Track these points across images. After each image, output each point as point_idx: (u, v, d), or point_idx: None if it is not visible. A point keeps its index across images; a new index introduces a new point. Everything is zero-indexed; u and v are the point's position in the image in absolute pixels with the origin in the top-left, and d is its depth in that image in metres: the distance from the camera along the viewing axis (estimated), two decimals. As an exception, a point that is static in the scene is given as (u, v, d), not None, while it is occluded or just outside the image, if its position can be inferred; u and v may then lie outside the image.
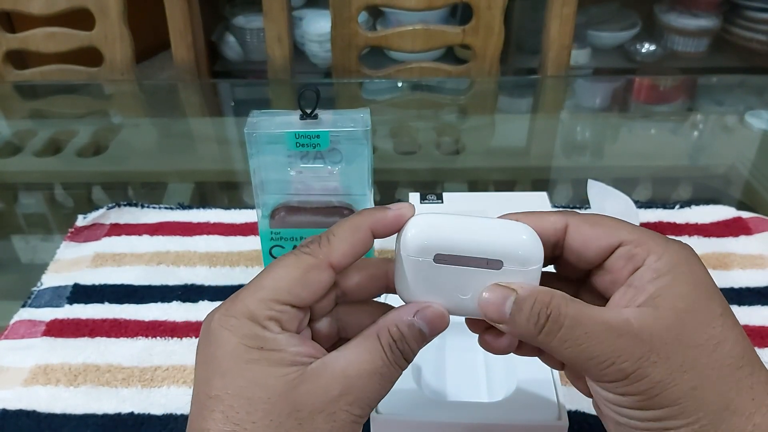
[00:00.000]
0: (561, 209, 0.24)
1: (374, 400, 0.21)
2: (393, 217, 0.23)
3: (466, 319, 0.24)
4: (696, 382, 0.20)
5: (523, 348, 0.25)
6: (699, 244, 0.48)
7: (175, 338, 0.41)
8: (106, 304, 0.44)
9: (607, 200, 0.44)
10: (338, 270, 0.23)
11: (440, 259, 0.22)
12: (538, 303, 0.21)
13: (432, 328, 0.23)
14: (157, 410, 0.37)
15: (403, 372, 0.22)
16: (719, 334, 0.20)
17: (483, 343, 0.24)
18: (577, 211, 0.23)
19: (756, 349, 0.39)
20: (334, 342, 0.24)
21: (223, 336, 0.21)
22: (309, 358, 0.21)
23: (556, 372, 0.33)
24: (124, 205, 0.53)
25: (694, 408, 0.19)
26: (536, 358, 0.26)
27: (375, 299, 0.25)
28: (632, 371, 0.20)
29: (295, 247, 0.24)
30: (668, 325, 0.20)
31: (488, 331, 0.24)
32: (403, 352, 0.22)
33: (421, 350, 0.23)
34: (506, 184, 0.64)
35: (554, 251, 0.24)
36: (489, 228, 0.22)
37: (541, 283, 0.23)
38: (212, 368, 0.21)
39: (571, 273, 0.25)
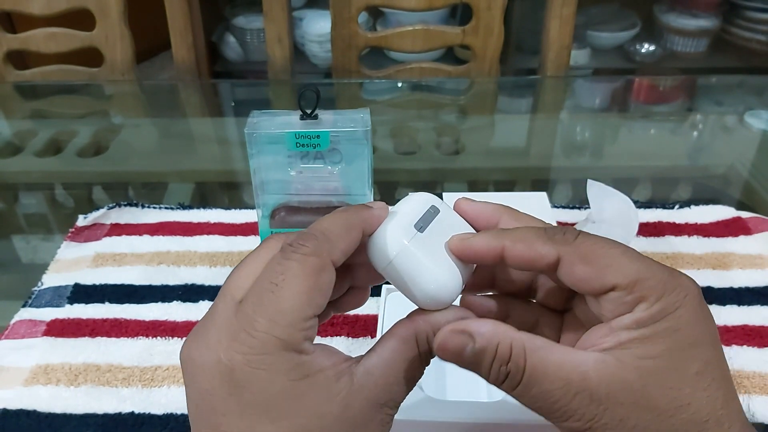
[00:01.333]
0: (557, 230, 0.22)
1: (404, 398, 0.22)
2: (377, 217, 0.22)
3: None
4: None
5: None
6: (698, 244, 0.48)
7: (175, 338, 0.41)
8: (107, 303, 0.44)
9: (606, 200, 0.44)
10: (337, 266, 0.21)
11: (419, 227, 0.23)
12: (498, 357, 0.20)
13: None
14: (158, 410, 0.37)
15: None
16: (685, 397, 0.19)
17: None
18: (575, 231, 0.22)
19: (755, 349, 0.39)
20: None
21: (260, 377, 0.19)
22: (343, 363, 0.21)
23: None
24: (125, 205, 0.53)
25: None
26: None
27: None
28: (584, 429, 0.19)
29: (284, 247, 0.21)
30: (627, 383, 0.19)
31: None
32: (432, 356, 0.22)
33: None
34: (506, 184, 0.64)
35: (539, 279, 0.24)
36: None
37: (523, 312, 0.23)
38: (257, 413, 0.19)
39: (555, 301, 0.24)
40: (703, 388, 0.19)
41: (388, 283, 0.24)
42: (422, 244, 0.22)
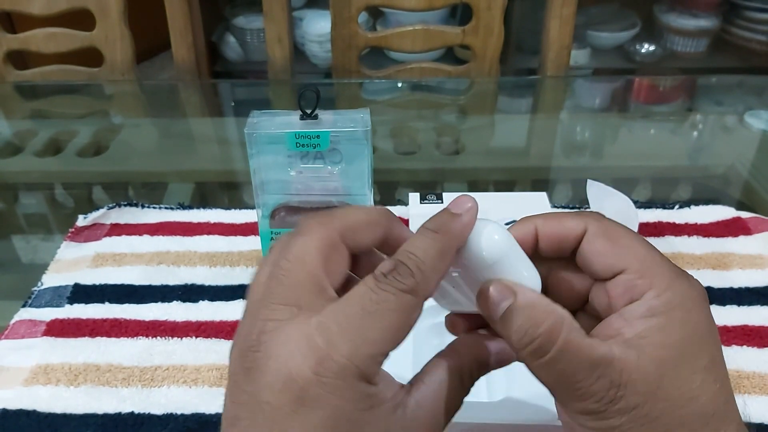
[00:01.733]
0: (587, 211, 0.23)
1: (445, 428, 0.22)
2: (469, 225, 0.21)
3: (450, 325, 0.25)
4: None
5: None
6: (698, 244, 0.48)
7: (175, 338, 0.41)
8: (107, 303, 0.44)
9: (606, 200, 0.44)
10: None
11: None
12: (530, 320, 0.20)
13: (500, 366, 0.23)
14: (158, 410, 0.37)
15: (403, 371, 0.22)
16: (695, 389, 0.20)
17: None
18: (603, 215, 0.23)
19: (755, 349, 0.39)
20: None
21: (330, 402, 0.18)
22: (399, 393, 0.20)
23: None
24: (125, 205, 0.53)
25: None
26: None
27: None
28: (598, 411, 0.20)
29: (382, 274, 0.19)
30: (646, 374, 0.20)
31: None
32: (472, 386, 0.23)
33: (420, 349, 0.23)
34: (506, 184, 0.64)
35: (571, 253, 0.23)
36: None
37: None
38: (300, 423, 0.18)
39: (578, 282, 0.24)
40: (711, 382, 0.20)
41: None
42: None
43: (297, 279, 0.20)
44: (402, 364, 0.23)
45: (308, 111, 0.38)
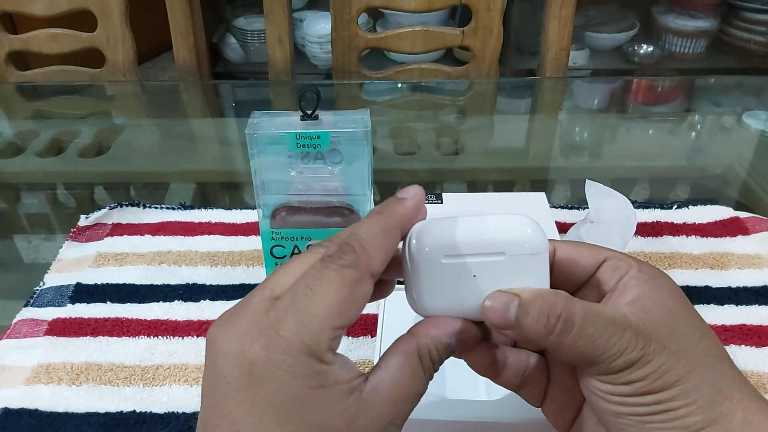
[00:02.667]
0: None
1: (409, 413, 0.22)
2: (413, 209, 0.22)
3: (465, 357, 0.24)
4: (690, 367, 0.21)
5: (504, 377, 0.25)
6: (696, 244, 0.49)
7: (176, 337, 0.42)
8: (108, 303, 0.44)
9: (604, 200, 0.45)
10: (375, 279, 0.21)
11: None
12: (546, 304, 0.21)
13: (464, 348, 0.23)
14: (159, 408, 0.37)
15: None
16: (701, 330, 0.22)
17: (472, 359, 0.25)
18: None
19: (753, 348, 0.40)
20: None
21: (278, 378, 0.19)
22: (357, 379, 0.21)
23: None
24: (126, 205, 0.54)
25: (691, 389, 0.21)
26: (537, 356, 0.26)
27: None
28: (637, 359, 0.21)
29: (303, 250, 0.22)
30: (657, 318, 0.22)
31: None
32: (437, 370, 0.23)
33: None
34: (505, 184, 0.64)
35: None
36: (492, 220, 0.23)
37: None
38: (266, 411, 0.19)
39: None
40: (708, 329, 0.22)
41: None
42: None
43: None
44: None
45: (309, 112, 0.38)
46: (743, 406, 0.21)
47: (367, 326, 0.42)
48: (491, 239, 0.22)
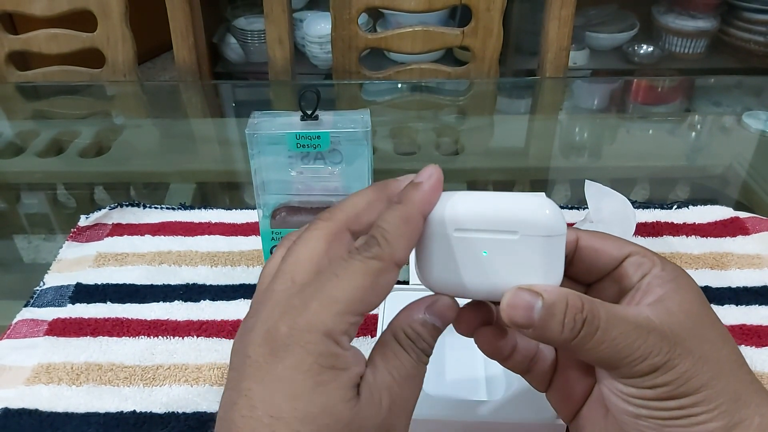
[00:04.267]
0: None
1: (413, 402, 0.22)
2: (430, 191, 0.22)
3: (455, 321, 0.24)
4: (713, 373, 0.21)
5: (512, 361, 0.25)
6: (696, 244, 0.49)
7: (176, 337, 0.42)
8: (109, 303, 0.44)
9: (604, 200, 0.45)
10: (401, 267, 0.22)
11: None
12: (571, 308, 0.21)
13: (444, 320, 0.23)
14: (159, 409, 0.37)
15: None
16: (723, 335, 0.22)
17: (482, 341, 0.25)
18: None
19: (755, 348, 0.40)
20: None
21: (295, 353, 0.20)
22: (359, 377, 0.21)
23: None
24: (127, 206, 0.54)
25: (714, 396, 0.21)
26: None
27: None
28: (662, 364, 0.21)
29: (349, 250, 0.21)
30: (681, 321, 0.22)
31: (484, 330, 0.25)
32: (423, 349, 0.22)
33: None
34: (505, 184, 0.64)
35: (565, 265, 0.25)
36: (508, 199, 0.22)
37: None
38: (280, 388, 0.20)
39: (575, 286, 0.25)
40: (727, 333, 0.22)
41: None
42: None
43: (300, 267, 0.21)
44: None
45: (309, 112, 0.38)
46: (761, 412, 0.21)
47: (367, 326, 0.42)
48: (505, 216, 0.22)
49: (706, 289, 0.44)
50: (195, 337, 0.42)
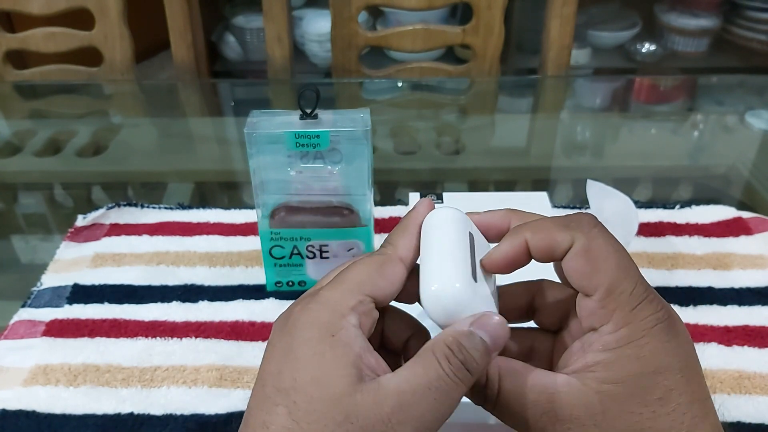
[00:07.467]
0: (580, 216, 0.23)
1: (430, 421, 0.20)
2: (422, 208, 0.25)
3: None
4: None
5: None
6: (699, 245, 0.48)
7: (174, 338, 0.41)
8: (106, 304, 0.44)
9: (606, 200, 0.44)
10: (407, 264, 0.24)
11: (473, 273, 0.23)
12: (478, 383, 0.22)
13: (494, 338, 0.21)
14: (157, 410, 0.37)
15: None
16: (645, 420, 0.20)
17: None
18: (594, 221, 0.23)
19: (756, 349, 0.39)
20: None
21: (302, 321, 0.21)
22: (370, 371, 0.20)
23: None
24: (124, 205, 0.53)
25: None
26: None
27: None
28: None
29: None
30: (590, 406, 0.21)
31: None
32: (464, 362, 0.20)
33: None
34: (506, 184, 0.64)
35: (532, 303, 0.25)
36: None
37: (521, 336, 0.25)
38: (287, 358, 0.21)
39: (551, 320, 0.25)
40: (666, 414, 0.20)
41: None
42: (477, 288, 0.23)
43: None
44: None
45: (308, 111, 0.38)
46: None
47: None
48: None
49: (709, 290, 0.44)
50: (193, 338, 0.41)
